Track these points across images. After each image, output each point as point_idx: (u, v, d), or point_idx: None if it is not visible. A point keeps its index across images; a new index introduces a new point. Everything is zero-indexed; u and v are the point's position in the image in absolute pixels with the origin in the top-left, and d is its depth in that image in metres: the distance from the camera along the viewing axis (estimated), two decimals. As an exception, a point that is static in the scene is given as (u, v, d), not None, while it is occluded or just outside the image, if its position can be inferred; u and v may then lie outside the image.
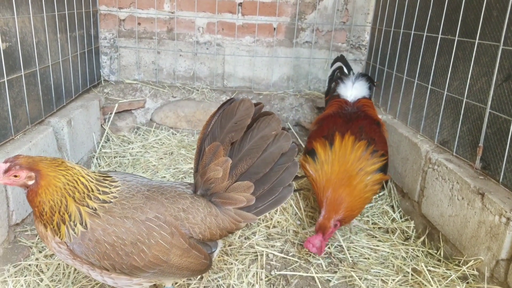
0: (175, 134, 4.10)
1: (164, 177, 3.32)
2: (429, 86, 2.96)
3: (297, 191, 2.30)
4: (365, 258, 2.55)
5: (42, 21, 2.87)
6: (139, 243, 1.66)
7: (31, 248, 2.36)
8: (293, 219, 2.90)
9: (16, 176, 1.58)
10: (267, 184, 1.85)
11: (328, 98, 3.44)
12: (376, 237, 2.78)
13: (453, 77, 2.71)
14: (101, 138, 3.80)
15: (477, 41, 2.47)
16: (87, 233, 1.61)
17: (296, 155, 1.88)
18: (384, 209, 3.10)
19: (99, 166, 3.50)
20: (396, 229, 2.85)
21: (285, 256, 2.52)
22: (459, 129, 2.61)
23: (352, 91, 3.22)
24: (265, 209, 1.89)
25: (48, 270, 2.22)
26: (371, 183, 2.59)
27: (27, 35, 2.66)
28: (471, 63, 2.51)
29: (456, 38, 2.67)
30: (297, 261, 2.49)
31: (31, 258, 2.30)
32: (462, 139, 2.59)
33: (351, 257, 2.55)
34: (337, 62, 3.58)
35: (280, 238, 2.70)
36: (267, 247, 2.58)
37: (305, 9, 4.21)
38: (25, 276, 2.16)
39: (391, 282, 2.31)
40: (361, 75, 3.34)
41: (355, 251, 2.62)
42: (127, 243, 1.64)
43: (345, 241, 2.68)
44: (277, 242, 2.65)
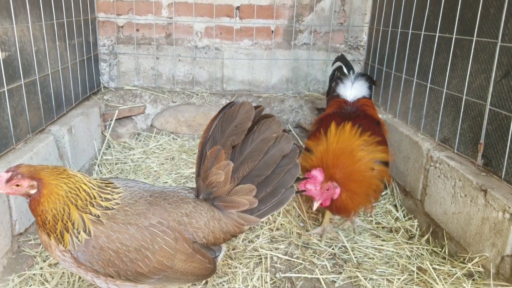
0: (176, 139, 4.10)
1: (166, 182, 3.32)
2: (428, 85, 2.96)
3: (299, 192, 2.29)
4: (370, 258, 2.55)
5: (41, 29, 2.88)
6: (143, 249, 1.66)
7: (35, 257, 2.36)
8: (296, 221, 2.90)
9: (18, 185, 1.58)
10: (269, 187, 1.85)
11: (329, 98, 3.44)
12: (380, 236, 2.78)
13: (452, 75, 2.71)
14: (102, 145, 3.80)
15: (475, 38, 2.48)
16: (91, 240, 1.61)
17: (298, 156, 1.88)
18: (387, 208, 3.10)
19: (100, 173, 3.50)
20: (400, 228, 2.85)
21: (289, 258, 2.52)
22: (459, 126, 2.61)
23: (352, 90, 3.21)
24: (267, 211, 1.88)
25: (52, 279, 2.22)
26: (377, 168, 2.48)
27: (26, 44, 2.67)
28: (470, 60, 2.52)
29: (454, 36, 2.67)
30: (301, 263, 2.49)
31: (35, 267, 2.30)
32: (463, 136, 2.59)
33: (355, 257, 2.55)
34: (337, 62, 3.57)
35: (284, 241, 2.69)
36: (271, 250, 2.57)
37: (302, 11, 4.22)
38: (29, 286, 2.16)
39: (396, 281, 2.30)
40: (360, 75, 3.32)
41: (360, 251, 2.62)
42: (131, 249, 1.64)
43: (349, 242, 2.68)
44: (281, 244, 2.65)
